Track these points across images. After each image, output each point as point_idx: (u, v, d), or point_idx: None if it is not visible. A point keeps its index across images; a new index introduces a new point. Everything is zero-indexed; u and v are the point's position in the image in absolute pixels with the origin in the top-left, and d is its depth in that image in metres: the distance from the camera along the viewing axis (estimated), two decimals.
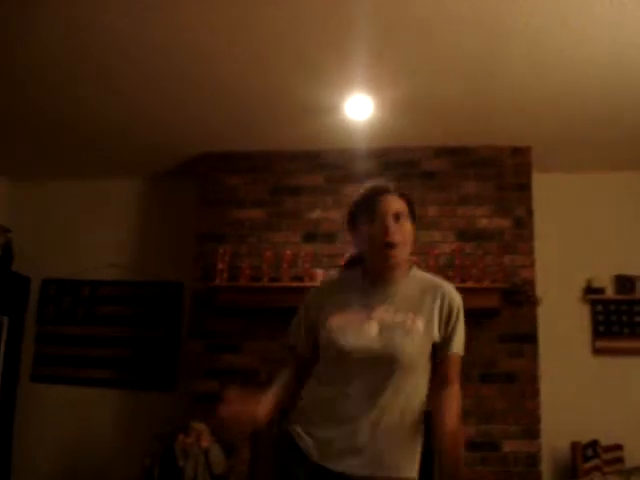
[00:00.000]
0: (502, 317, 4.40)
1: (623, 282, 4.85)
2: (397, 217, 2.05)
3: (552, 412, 4.37)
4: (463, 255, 4.47)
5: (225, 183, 5.00)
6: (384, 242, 2.02)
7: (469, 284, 4.28)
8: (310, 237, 4.79)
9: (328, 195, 4.83)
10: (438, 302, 2.04)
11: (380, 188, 2.13)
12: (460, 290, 2.11)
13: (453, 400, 2.01)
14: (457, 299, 2.07)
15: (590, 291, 4.87)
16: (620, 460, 4.41)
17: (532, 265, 4.55)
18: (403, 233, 2.05)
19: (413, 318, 2.01)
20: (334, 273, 2.27)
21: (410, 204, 2.12)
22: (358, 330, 2.00)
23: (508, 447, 4.31)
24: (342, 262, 2.34)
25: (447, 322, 2.03)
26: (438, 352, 2.04)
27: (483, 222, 4.67)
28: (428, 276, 2.16)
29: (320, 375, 2.10)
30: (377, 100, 4.17)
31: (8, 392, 5.14)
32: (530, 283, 4.50)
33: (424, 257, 4.31)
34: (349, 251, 2.31)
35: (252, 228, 4.89)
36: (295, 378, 2.18)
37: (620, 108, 4.12)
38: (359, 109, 4.25)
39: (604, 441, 4.41)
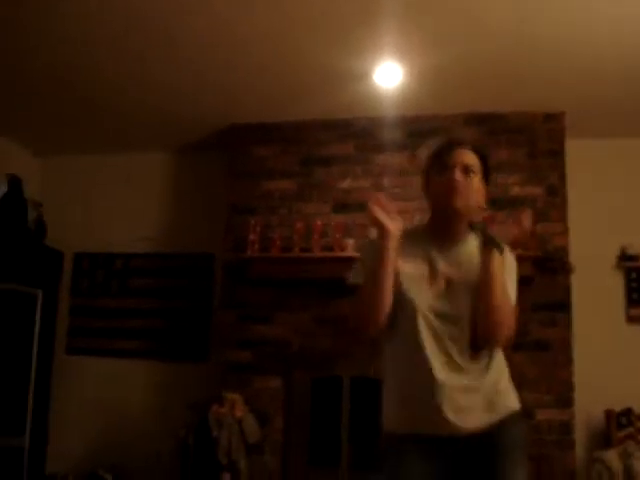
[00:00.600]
0: (535, 285, 4.35)
1: None
2: (466, 170, 2.03)
3: (586, 380, 4.34)
4: (495, 223, 4.42)
5: (254, 154, 4.99)
6: (450, 193, 2.00)
7: None
8: (340, 207, 4.78)
9: (358, 164, 4.81)
10: None
11: (453, 141, 2.12)
12: None
13: None
14: (510, 257, 2.09)
15: (624, 258, 4.81)
16: None
17: (565, 233, 4.49)
18: (470, 187, 2.02)
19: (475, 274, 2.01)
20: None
21: (484, 160, 2.10)
22: (427, 285, 2.01)
23: (541, 415, 4.29)
24: None
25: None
26: None
27: (515, 190, 4.61)
28: None
29: (390, 360, 2.10)
30: (406, 67, 4.12)
31: (44, 364, 5.21)
32: (563, 251, 4.45)
33: None
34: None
35: (282, 199, 4.88)
36: None
37: None
38: (389, 77, 4.20)
39: (638, 409, 4.38)
